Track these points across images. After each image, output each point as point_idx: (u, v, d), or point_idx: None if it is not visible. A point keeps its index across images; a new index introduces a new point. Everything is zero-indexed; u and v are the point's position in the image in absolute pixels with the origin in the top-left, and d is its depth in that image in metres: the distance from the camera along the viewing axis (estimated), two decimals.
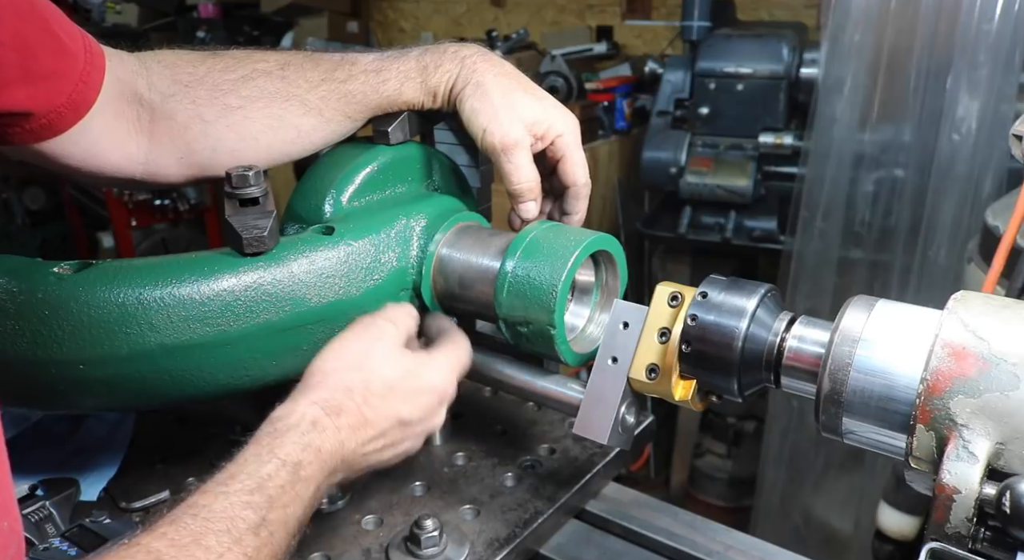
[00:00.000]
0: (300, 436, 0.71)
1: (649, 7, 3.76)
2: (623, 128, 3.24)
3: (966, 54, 1.96)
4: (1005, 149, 1.22)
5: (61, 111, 0.86)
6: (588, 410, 0.87)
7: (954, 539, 0.60)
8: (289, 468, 0.69)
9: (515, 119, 0.92)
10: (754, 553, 0.96)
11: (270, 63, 0.97)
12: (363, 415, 0.76)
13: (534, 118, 0.93)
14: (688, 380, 0.82)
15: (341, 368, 0.78)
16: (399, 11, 4.79)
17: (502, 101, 0.92)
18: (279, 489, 0.67)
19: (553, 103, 0.97)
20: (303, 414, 0.73)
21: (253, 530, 0.63)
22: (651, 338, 0.82)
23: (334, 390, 0.76)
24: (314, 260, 0.85)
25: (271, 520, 0.65)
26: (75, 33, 0.88)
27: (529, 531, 0.93)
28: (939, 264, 2.10)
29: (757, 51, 2.65)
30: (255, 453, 0.70)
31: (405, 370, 0.80)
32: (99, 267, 0.80)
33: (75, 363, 0.78)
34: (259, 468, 0.68)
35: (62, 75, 0.85)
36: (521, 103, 0.93)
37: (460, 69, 0.95)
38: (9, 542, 0.57)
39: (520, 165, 0.92)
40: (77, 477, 0.99)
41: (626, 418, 0.87)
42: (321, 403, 0.75)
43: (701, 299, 0.78)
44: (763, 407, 2.65)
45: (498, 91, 0.93)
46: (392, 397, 0.79)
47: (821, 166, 2.31)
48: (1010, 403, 0.59)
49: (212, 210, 4.19)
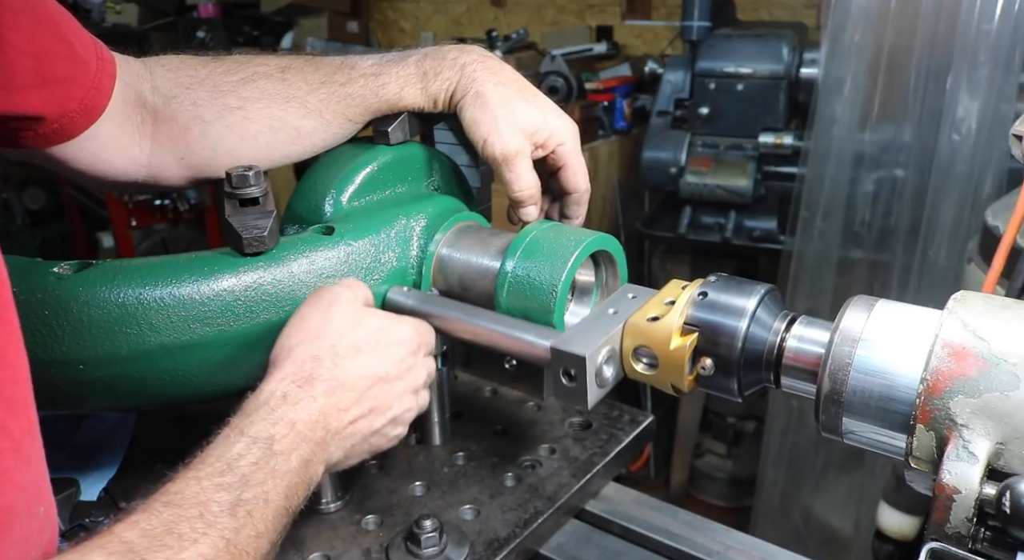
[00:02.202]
0: (269, 412, 0.70)
1: (649, 7, 3.76)
2: (623, 128, 3.24)
3: (966, 54, 1.96)
4: (1005, 149, 1.22)
5: (73, 116, 0.86)
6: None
7: (954, 539, 0.60)
8: (261, 444, 0.68)
9: (515, 129, 0.93)
10: (754, 553, 0.96)
11: (271, 66, 0.97)
12: (336, 379, 0.75)
13: (534, 127, 0.94)
14: (689, 334, 0.77)
15: (304, 339, 0.77)
16: (399, 11, 4.79)
17: (502, 111, 0.93)
18: (252, 466, 0.66)
19: (553, 110, 0.98)
20: (271, 391, 0.72)
21: (228, 511, 0.62)
22: (659, 301, 0.81)
23: (301, 362, 0.75)
24: (314, 260, 0.85)
25: (246, 499, 0.64)
26: (87, 39, 0.89)
27: (529, 531, 0.93)
28: (939, 264, 2.10)
29: (757, 51, 2.65)
30: (224, 436, 0.69)
31: (371, 327, 0.79)
32: (99, 267, 0.80)
33: (75, 363, 0.78)
34: (228, 449, 0.67)
35: (75, 81, 0.86)
36: (522, 112, 0.94)
37: (460, 77, 0.95)
38: (45, 527, 0.58)
39: (520, 174, 0.93)
40: (77, 477, 0.99)
41: (604, 369, 0.79)
42: (290, 377, 0.74)
43: (700, 299, 0.78)
44: (763, 407, 2.65)
45: (498, 100, 0.93)
46: (362, 355, 0.78)
47: (821, 166, 2.31)
48: (1010, 403, 0.59)
49: (212, 210, 4.19)
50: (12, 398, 0.52)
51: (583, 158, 1.00)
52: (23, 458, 0.53)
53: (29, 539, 0.54)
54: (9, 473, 0.51)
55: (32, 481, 0.55)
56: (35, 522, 0.55)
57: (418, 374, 0.83)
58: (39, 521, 0.55)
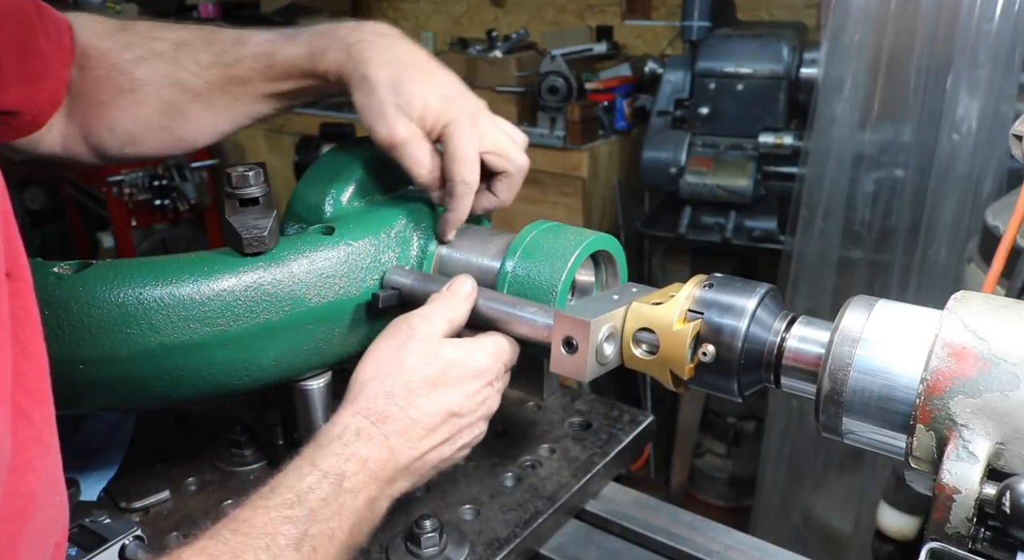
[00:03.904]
0: (343, 447, 0.70)
1: (649, 7, 3.75)
2: (623, 128, 3.24)
3: (966, 54, 1.96)
4: (1005, 149, 1.22)
5: (43, 107, 0.87)
6: None
7: (954, 539, 0.60)
8: (331, 480, 0.67)
9: (400, 114, 0.87)
10: (754, 553, 0.96)
11: (167, 42, 0.95)
12: (409, 417, 0.74)
13: (421, 109, 0.87)
14: (693, 321, 0.76)
15: (378, 375, 0.77)
16: (399, 11, 4.79)
17: (388, 94, 0.86)
18: (321, 502, 0.66)
19: (448, 86, 0.90)
20: (346, 425, 0.72)
21: (294, 545, 0.62)
22: (662, 294, 0.81)
23: (375, 398, 0.74)
24: (314, 260, 0.85)
25: (313, 534, 0.64)
26: (51, 25, 0.88)
27: (529, 531, 0.93)
28: (939, 264, 2.10)
29: (757, 51, 2.65)
30: (296, 466, 0.69)
31: (445, 361, 0.78)
32: (99, 267, 0.80)
33: (75, 363, 0.78)
34: (299, 481, 0.67)
35: (46, 73, 0.86)
36: (408, 93, 0.87)
37: (346, 58, 0.90)
38: (60, 516, 0.58)
39: (417, 158, 0.88)
40: (77, 477, 0.99)
41: (604, 346, 0.78)
42: (364, 412, 0.73)
43: (706, 288, 0.78)
44: (763, 407, 2.65)
45: (384, 80, 0.87)
46: (436, 392, 0.76)
47: (821, 166, 2.31)
48: (1010, 403, 0.59)
49: (212, 210, 4.19)
50: (35, 389, 0.52)
51: (475, 143, 0.89)
52: (44, 447, 0.54)
53: (47, 526, 0.54)
54: (32, 462, 0.51)
55: (51, 470, 0.55)
56: (52, 510, 0.55)
57: (492, 403, 0.82)
58: (55, 510, 0.56)
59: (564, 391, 1.21)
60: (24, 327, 0.51)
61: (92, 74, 0.93)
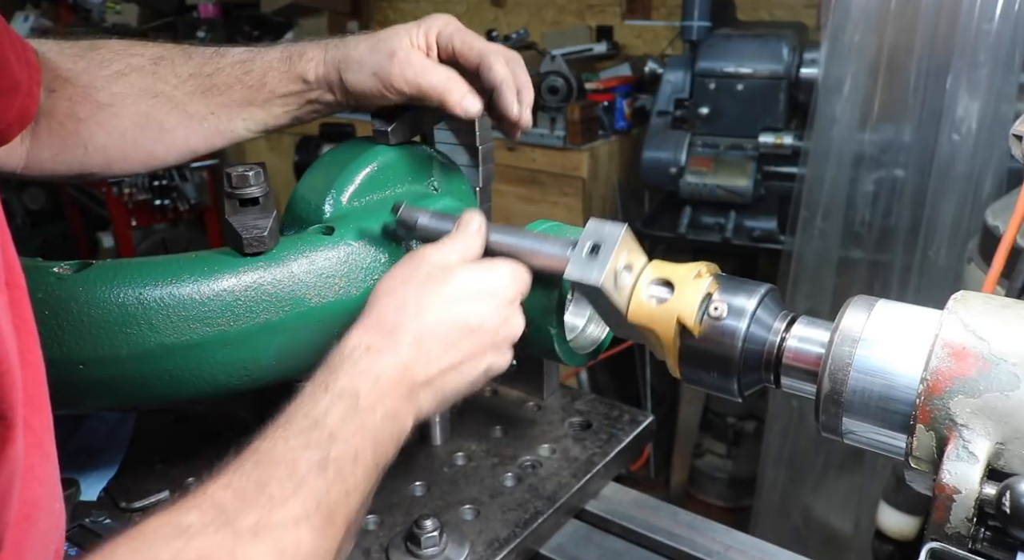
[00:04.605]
0: (353, 365, 0.68)
1: (649, 7, 3.75)
2: (623, 128, 3.24)
3: (966, 54, 1.96)
4: (1005, 149, 1.22)
5: (11, 124, 0.86)
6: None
7: (954, 539, 0.60)
8: (347, 399, 0.65)
9: (403, 56, 0.90)
10: (754, 553, 0.96)
11: (144, 57, 0.96)
12: (423, 329, 0.71)
13: (408, 39, 0.91)
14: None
15: (390, 289, 0.74)
16: (399, 11, 4.78)
17: (379, 57, 0.90)
18: (339, 422, 0.64)
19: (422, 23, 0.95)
20: (355, 344, 0.69)
21: (317, 470, 0.61)
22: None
23: (385, 313, 0.72)
24: (314, 260, 0.85)
25: (335, 457, 0.62)
26: (18, 44, 0.88)
27: (529, 531, 0.93)
28: (939, 264, 2.10)
29: (757, 51, 2.65)
30: (310, 392, 0.67)
31: (461, 278, 0.75)
32: (99, 267, 0.80)
33: (75, 363, 0.78)
34: (314, 406, 0.65)
35: (16, 90, 0.86)
36: (388, 45, 0.91)
37: (324, 53, 0.94)
38: (59, 522, 0.58)
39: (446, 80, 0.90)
40: (77, 477, 0.99)
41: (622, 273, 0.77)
42: (374, 328, 0.71)
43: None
44: (763, 407, 2.65)
45: (366, 48, 0.91)
46: (452, 305, 0.73)
47: (821, 166, 2.31)
48: (1010, 403, 0.59)
49: (212, 210, 4.19)
50: (34, 397, 0.52)
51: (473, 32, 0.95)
52: (44, 454, 0.54)
53: (49, 533, 0.54)
54: (34, 469, 0.51)
55: (51, 477, 0.56)
56: (53, 517, 0.55)
57: (515, 324, 0.78)
58: (55, 517, 0.56)
59: (564, 391, 1.21)
60: (22, 335, 0.51)
61: (66, 94, 0.93)
